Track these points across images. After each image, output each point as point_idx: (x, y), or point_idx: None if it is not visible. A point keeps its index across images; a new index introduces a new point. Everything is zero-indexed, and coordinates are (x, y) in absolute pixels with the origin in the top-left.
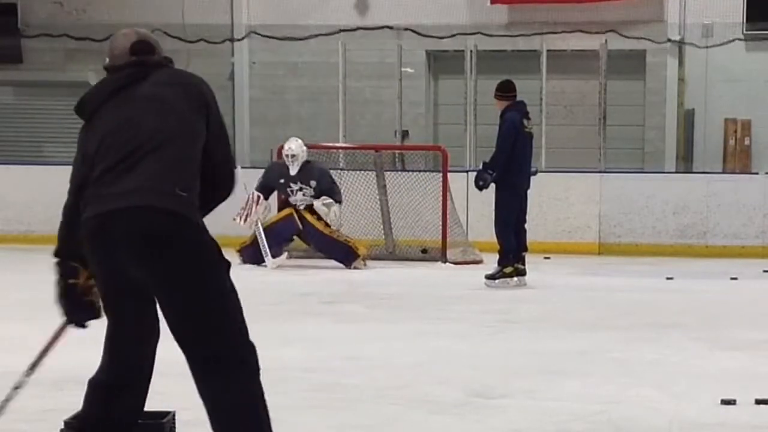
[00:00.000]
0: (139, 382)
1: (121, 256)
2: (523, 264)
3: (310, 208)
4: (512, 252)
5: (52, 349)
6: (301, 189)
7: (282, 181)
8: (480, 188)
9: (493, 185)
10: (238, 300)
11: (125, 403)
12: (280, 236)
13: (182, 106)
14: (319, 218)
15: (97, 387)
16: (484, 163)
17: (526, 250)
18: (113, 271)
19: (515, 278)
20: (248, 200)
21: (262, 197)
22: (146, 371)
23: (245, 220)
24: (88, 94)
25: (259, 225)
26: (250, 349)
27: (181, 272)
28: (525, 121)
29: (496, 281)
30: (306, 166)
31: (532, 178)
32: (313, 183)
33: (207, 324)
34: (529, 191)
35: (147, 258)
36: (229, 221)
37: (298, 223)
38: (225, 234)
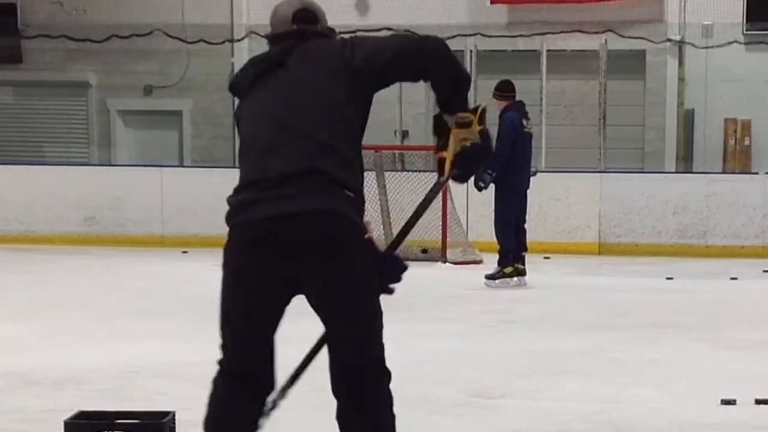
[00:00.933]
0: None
1: (287, 259)
2: (523, 264)
3: None
4: (512, 252)
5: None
6: None
7: None
8: (480, 188)
9: (492, 185)
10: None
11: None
12: None
13: (339, 81)
14: None
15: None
16: (484, 164)
17: (526, 250)
18: (270, 279)
19: (515, 278)
20: None
21: None
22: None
23: None
24: (239, 75)
25: None
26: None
27: (356, 277)
28: (524, 121)
29: (496, 281)
30: None
31: (532, 178)
32: None
33: (371, 330)
34: (528, 191)
35: (321, 261)
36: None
37: None
38: (225, 234)
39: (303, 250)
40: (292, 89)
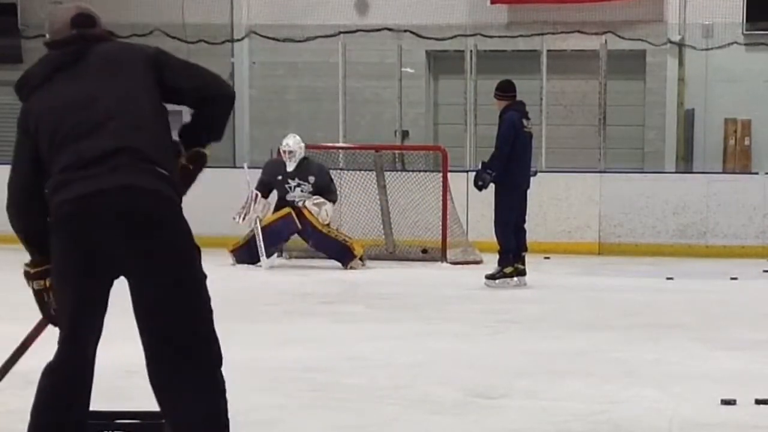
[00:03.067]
0: (91, 374)
1: (106, 236)
2: (523, 264)
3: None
4: (512, 252)
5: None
6: (299, 185)
7: (279, 177)
8: (479, 188)
9: (492, 185)
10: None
11: (85, 399)
12: (278, 236)
13: (136, 73)
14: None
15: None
16: (484, 163)
17: (526, 250)
18: (91, 254)
19: (515, 278)
20: (248, 199)
21: (260, 195)
22: (93, 364)
23: (244, 218)
24: (28, 72)
25: (258, 223)
26: (215, 338)
27: (173, 255)
28: (524, 121)
29: (496, 281)
30: (303, 162)
31: (532, 178)
32: (311, 179)
33: (189, 312)
34: (528, 191)
35: (133, 238)
36: (227, 221)
37: (297, 222)
38: (223, 234)
39: (115, 225)
40: (94, 80)
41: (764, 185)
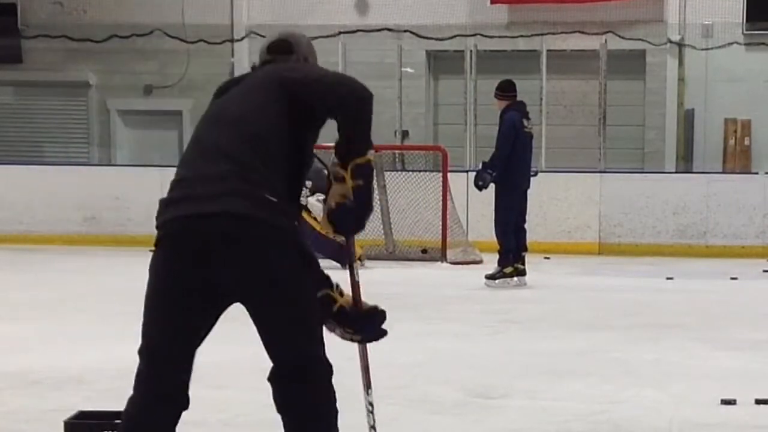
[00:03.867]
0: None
1: (203, 259)
2: (523, 264)
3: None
4: (512, 252)
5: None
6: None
7: None
8: (479, 188)
9: (492, 185)
10: (316, 306)
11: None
12: None
13: (263, 96)
14: (315, 218)
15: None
16: (484, 163)
17: (526, 250)
18: (191, 277)
19: (515, 278)
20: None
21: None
22: (187, 385)
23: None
24: (220, 86)
25: None
26: (325, 358)
27: (266, 280)
28: (525, 121)
29: (496, 281)
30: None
31: (532, 178)
32: (308, 183)
33: (302, 332)
34: (528, 191)
35: (233, 263)
36: None
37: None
38: None
39: (214, 252)
40: (232, 102)
41: (764, 185)
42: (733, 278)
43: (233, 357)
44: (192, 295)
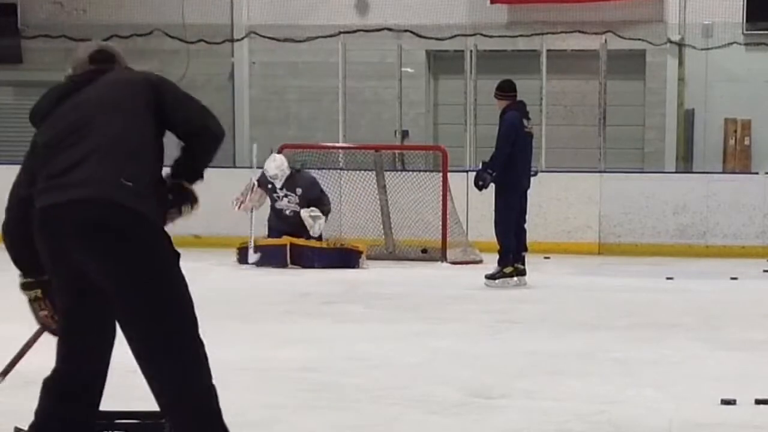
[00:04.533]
0: (97, 382)
1: (69, 246)
2: (523, 264)
3: (296, 219)
4: (512, 252)
5: (26, 353)
6: (286, 195)
7: (270, 186)
8: (480, 188)
9: (492, 185)
10: (186, 293)
11: (83, 406)
12: (269, 258)
13: (126, 99)
14: (307, 233)
15: (51, 389)
16: (484, 163)
17: (526, 250)
18: (64, 262)
19: (515, 278)
20: (246, 187)
21: (257, 185)
22: (103, 372)
23: (240, 206)
24: (38, 103)
25: (252, 213)
26: (199, 342)
27: (122, 262)
28: (525, 121)
29: (497, 281)
30: (293, 176)
31: (533, 178)
32: (299, 191)
33: (159, 325)
34: (529, 191)
35: (89, 248)
36: (228, 222)
37: (287, 258)
38: (225, 234)
39: (70, 238)
40: (84, 104)
41: (764, 185)
42: (733, 278)
43: (233, 357)
44: (70, 276)
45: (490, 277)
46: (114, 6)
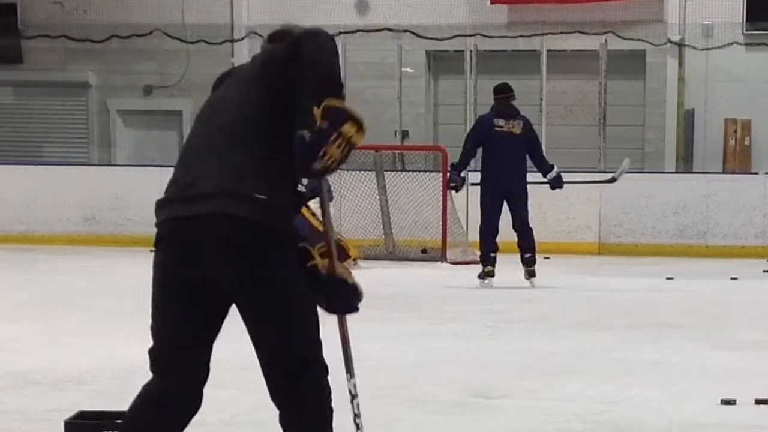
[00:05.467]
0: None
1: (195, 261)
2: (493, 265)
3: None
4: (483, 252)
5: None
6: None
7: None
8: (452, 189)
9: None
10: (311, 300)
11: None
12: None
13: (254, 86)
14: (314, 214)
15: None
16: (452, 165)
17: (529, 251)
18: (187, 276)
19: (485, 279)
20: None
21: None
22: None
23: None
24: (218, 78)
25: None
26: (320, 358)
27: (256, 281)
28: (500, 121)
29: (485, 281)
30: None
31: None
32: (304, 181)
33: (294, 333)
34: (520, 191)
35: (222, 265)
36: None
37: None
38: None
39: (202, 253)
40: (221, 96)
41: (764, 185)
42: (733, 278)
43: (233, 357)
44: (191, 295)
45: (478, 276)
46: (114, 6)
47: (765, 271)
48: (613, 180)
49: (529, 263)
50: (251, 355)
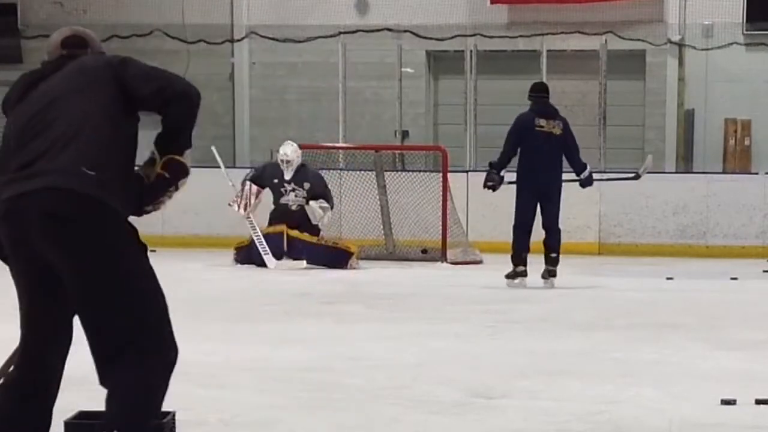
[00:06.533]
0: (53, 383)
1: (31, 237)
2: (525, 265)
3: (301, 213)
4: (517, 251)
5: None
6: (294, 190)
7: (275, 181)
8: (490, 188)
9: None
10: (154, 285)
11: (37, 407)
12: (269, 245)
13: (89, 85)
14: (307, 228)
15: (10, 389)
16: (490, 164)
17: (554, 251)
18: (26, 255)
19: (516, 279)
20: (243, 189)
21: (258, 189)
22: (59, 373)
23: (244, 208)
24: (8, 92)
25: (254, 221)
26: (168, 339)
27: (84, 252)
28: (540, 120)
29: (512, 280)
30: (301, 169)
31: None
32: (306, 185)
33: (114, 309)
34: (557, 191)
35: (51, 238)
36: (227, 222)
37: (284, 245)
38: (225, 235)
39: (31, 229)
40: (48, 93)
41: (764, 185)
42: (733, 278)
43: (233, 357)
44: (31, 272)
45: (507, 276)
46: (114, 6)
47: (765, 271)
48: (637, 177)
49: (554, 263)
50: (251, 357)
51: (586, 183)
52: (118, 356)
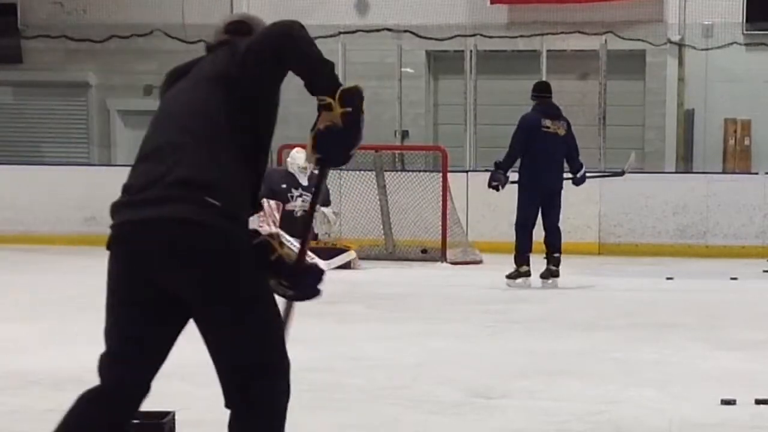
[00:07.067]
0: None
1: (150, 267)
2: (528, 264)
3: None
4: (521, 251)
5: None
6: (301, 195)
7: (284, 186)
8: (494, 188)
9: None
10: (275, 309)
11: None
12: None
13: (212, 88)
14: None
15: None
16: (496, 164)
17: (556, 251)
18: (137, 283)
19: (519, 279)
20: (266, 208)
21: (276, 203)
22: (142, 399)
23: (275, 225)
24: (166, 75)
25: (284, 233)
26: (285, 366)
27: (211, 286)
28: (546, 121)
29: (514, 280)
30: (311, 175)
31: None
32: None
33: (241, 336)
34: (559, 192)
35: (176, 271)
36: None
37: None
38: None
39: (155, 258)
40: (175, 97)
41: (764, 185)
42: (733, 278)
43: None
44: (143, 301)
45: (509, 276)
46: (114, 6)
47: (765, 271)
48: (622, 173)
49: (556, 263)
50: None
51: (579, 182)
52: (246, 383)
